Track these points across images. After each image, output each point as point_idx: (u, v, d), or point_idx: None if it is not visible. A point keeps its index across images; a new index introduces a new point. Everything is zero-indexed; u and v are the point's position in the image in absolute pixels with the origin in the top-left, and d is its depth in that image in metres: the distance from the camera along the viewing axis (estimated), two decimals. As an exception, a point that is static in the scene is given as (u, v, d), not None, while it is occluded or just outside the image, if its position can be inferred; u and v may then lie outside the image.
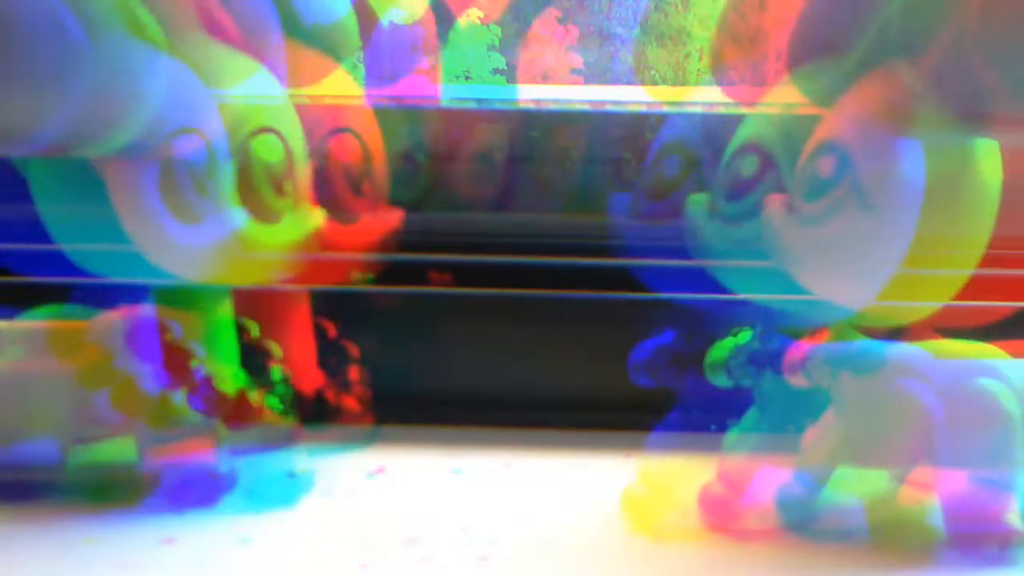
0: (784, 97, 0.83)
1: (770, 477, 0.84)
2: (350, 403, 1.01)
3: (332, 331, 1.03)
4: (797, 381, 0.83)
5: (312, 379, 1.00)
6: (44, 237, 0.82)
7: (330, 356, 1.02)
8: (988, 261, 0.79)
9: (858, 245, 0.76)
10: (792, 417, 0.84)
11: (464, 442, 1.03)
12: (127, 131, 0.76)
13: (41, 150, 0.76)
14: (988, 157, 0.79)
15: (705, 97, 1.05)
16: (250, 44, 0.87)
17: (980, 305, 0.81)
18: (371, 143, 0.99)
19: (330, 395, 1.00)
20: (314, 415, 0.98)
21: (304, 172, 0.90)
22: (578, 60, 1.19)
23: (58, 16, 0.71)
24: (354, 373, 1.02)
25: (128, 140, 0.77)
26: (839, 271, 0.78)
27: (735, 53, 0.89)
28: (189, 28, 0.83)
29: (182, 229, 0.81)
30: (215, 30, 0.85)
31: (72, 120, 0.73)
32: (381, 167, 1.00)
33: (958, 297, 0.80)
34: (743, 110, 0.87)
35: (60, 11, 0.71)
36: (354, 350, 1.04)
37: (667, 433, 0.88)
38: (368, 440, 1.01)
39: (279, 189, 0.87)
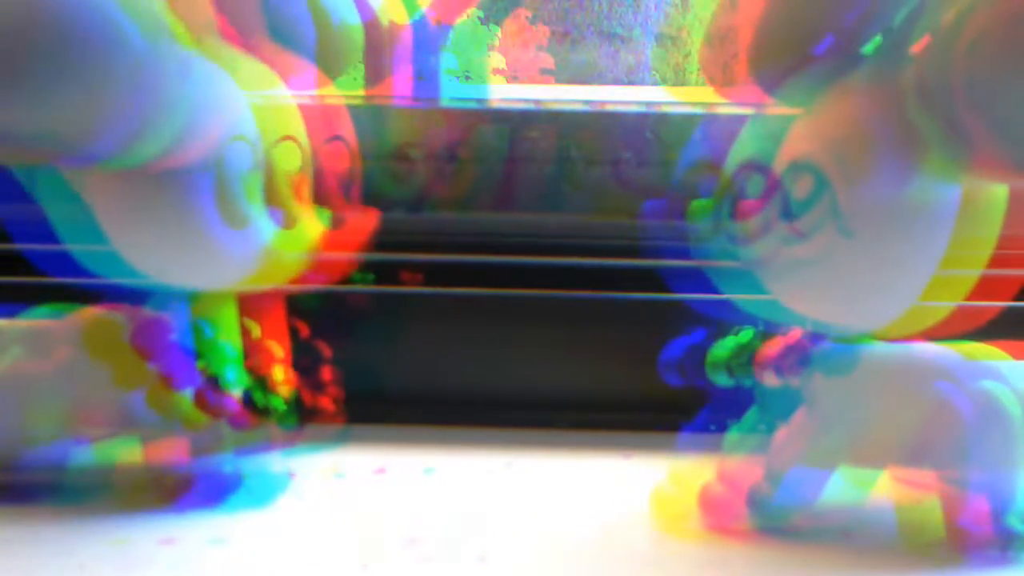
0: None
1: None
2: (326, 403, 1.01)
3: (304, 331, 1.03)
4: (768, 380, 0.83)
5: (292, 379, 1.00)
6: (50, 237, 0.82)
7: (304, 357, 1.02)
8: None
9: (836, 270, 0.75)
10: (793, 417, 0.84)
11: (464, 442, 1.03)
12: (164, 136, 0.77)
13: (100, 159, 0.76)
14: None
15: (703, 97, 1.06)
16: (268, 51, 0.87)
17: (967, 306, 0.80)
18: (353, 147, 0.99)
19: (307, 396, 1.00)
20: (307, 415, 0.98)
21: (313, 177, 0.91)
22: (549, 60, 1.20)
23: (120, 26, 0.71)
24: (327, 373, 1.02)
25: (165, 146, 0.77)
26: (818, 293, 0.78)
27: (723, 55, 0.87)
28: (211, 34, 0.83)
29: (230, 236, 0.82)
30: (232, 38, 0.85)
31: (133, 126, 0.74)
32: (359, 170, 1.00)
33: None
34: (742, 111, 0.86)
35: (123, 21, 0.71)
36: (338, 350, 1.04)
37: (697, 432, 0.87)
38: (345, 439, 1.01)
39: (298, 195, 0.87)
